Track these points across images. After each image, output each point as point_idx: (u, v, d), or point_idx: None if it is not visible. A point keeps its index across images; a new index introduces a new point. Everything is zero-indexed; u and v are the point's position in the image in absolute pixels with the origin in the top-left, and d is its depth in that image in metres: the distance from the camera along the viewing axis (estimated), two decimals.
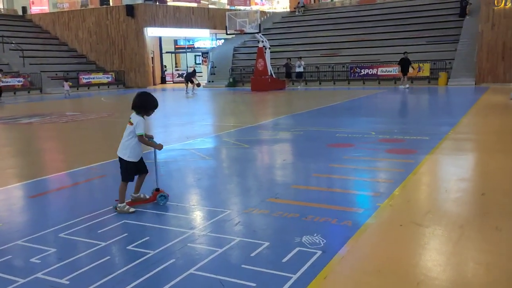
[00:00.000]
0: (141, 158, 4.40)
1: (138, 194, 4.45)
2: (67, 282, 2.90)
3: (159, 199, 4.40)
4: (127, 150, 4.27)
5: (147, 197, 4.47)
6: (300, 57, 24.66)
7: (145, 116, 4.30)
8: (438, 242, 3.37)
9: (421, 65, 22.94)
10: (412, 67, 21.11)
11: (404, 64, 20.58)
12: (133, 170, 4.33)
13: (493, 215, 3.88)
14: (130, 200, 4.41)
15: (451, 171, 5.64)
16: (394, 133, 8.34)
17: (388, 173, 5.55)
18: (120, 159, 4.31)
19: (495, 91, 17.18)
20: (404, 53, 21.13)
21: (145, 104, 4.27)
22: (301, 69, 24.22)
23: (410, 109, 13.91)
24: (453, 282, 2.75)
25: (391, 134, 8.18)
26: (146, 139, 4.30)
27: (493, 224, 3.64)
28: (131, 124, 4.24)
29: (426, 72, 22.84)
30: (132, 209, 4.22)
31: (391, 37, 26.07)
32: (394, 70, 23.69)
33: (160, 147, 4.39)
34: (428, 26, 25.72)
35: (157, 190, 4.43)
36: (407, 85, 20.64)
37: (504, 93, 15.65)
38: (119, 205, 4.23)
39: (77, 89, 28.33)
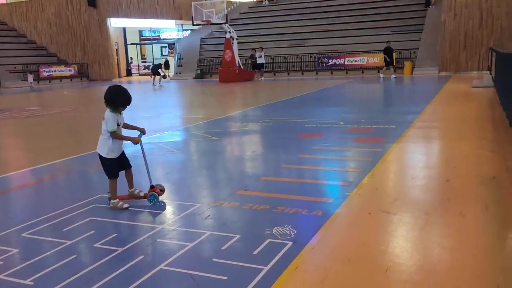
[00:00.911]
0: (123, 153, 4.22)
1: (133, 189, 4.27)
2: (31, 283, 2.79)
3: (149, 198, 4.16)
4: (105, 147, 4.08)
5: (141, 194, 4.25)
6: (261, 48, 23.95)
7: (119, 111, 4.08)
8: (405, 228, 3.45)
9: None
10: (393, 58, 20.75)
11: (389, 53, 20.37)
12: (115, 166, 4.14)
13: (457, 200, 4.00)
14: (127, 194, 4.26)
15: (417, 159, 5.78)
16: (362, 122, 8.47)
17: (357, 162, 5.63)
18: (100, 156, 4.13)
19: (458, 80, 17.72)
20: (387, 42, 20.84)
21: (113, 99, 4.02)
22: (262, 60, 23.50)
23: (377, 99, 14.17)
24: (419, 267, 2.81)
25: (359, 124, 8.30)
26: (119, 134, 4.10)
27: (457, 209, 3.75)
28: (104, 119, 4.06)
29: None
30: (125, 205, 4.08)
31: (357, 27, 26.38)
32: (362, 59, 24.03)
33: (135, 140, 4.14)
34: (392, 16, 26.16)
35: (152, 187, 4.20)
36: (394, 76, 20.30)
37: (466, 81, 16.16)
38: (112, 201, 4.09)
39: (38, 82, 27.36)
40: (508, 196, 4.06)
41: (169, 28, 35.59)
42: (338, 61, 24.56)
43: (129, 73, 34.01)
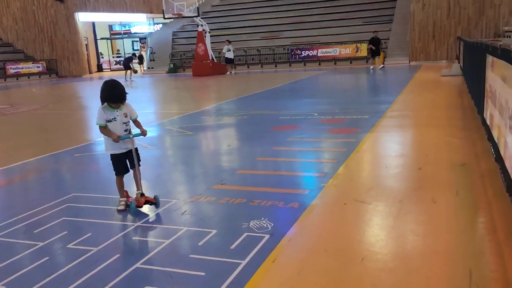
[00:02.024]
0: (130, 151, 3.99)
1: (138, 191, 3.97)
2: (3, 287, 2.71)
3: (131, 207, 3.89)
4: (105, 143, 4.01)
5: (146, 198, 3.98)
6: (228, 41, 23.11)
7: (111, 105, 3.96)
8: (380, 217, 3.50)
9: (358, 45, 23.61)
10: (380, 49, 19.71)
11: (376, 44, 19.40)
12: (117, 162, 3.97)
13: (429, 188, 4.09)
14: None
15: (390, 148, 5.88)
16: (335, 113, 8.55)
17: (332, 153, 5.68)
18: None
19: (428, 69, 18.08)
20: (374, 31, 20.00)
21: (100, 94, 3.96)
22: (230, 55, 22.63)
23: (350, 89, 14.32)
24: (394, 255, 2.87)
25: (333, 114, 8.38)
26: (104, 130, 3.90)
27: (429, 196, 3.84)
28: None
29: (363, 52, 23.54)
30: (120, 207, 3.90)
31: (329, 18, 26.55)
32: (334, 51, 24.20)
33: (113, 138, 3.87)
34: (364, 7, 26.43)
35: (142, 195, 3.91)
36: (379, 66, 19.36)
37: (436, 70, 16.51)
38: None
39: (5, 80, 26.49)
40: (478, 181, 4.18)
41: (140, 22, 34.95)
42: (311, 53, 24.69)
43: (100, 68, 33.29)
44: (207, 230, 3.37)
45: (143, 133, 4.06)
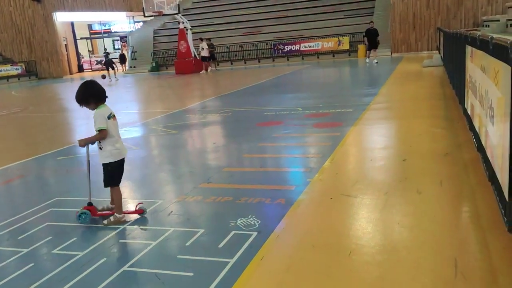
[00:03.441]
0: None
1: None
2: None
3: (78, 216, 3.67)
4: (103, 151, 3.71)
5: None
6: (201, 39, 22.58)
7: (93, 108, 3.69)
8: (366, 210, 3.53)
9: (340, 38, 23.71)
10: (378, 41, 18.16)
11: (371, 37, 18.00)
12: (117, 170, 3.71)
13: (414, 179, 4.13)
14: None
15: (375, 140, 5.92)
16: (319, 107, 8.58)
17: (317, 147, 5.70)
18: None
19: (409, 60, 18.25)
20: (369, 22, 18.86)
21: (87, 95, 3.68)
22: (205, 53, 21.99)
23: (334, 83, 14.38)
24: (381, 247, 2.89)
25: (317, 109, 8.40)
26: (102, 134, 3.62)
27: (414, 187, 3.88)
28: None
29: (346, 46, 23.66)
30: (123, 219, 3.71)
31: (310, 12, 26.57)
32: (317, 44, 24.26)
33: (82, 143, 3.71)
34: (344, 0, 26.52)
35: (90, 204, 3.76)
36: (374, 60, 17.86)
37: (417, 61, 16.67)
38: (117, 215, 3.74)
39: None
40: (461, 171, 4.24)
41: (120, 21, 34.52)
42: (293, 47, 24.70)
43: (80, 69, 32.81)
44: (194, 230, 3.35)
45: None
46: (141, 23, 32.94)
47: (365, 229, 3.19)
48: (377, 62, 17.62)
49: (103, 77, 20.73)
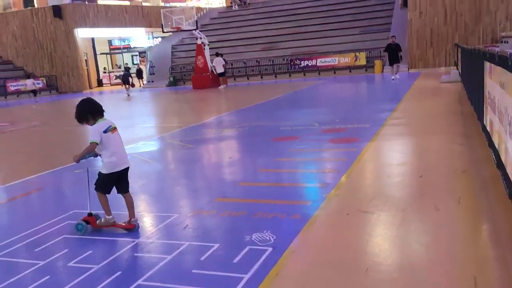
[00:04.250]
0: (125, 170, 3.89)
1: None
2: None
3: (76, 226, 3.79)
4: (104, 161, 3.84)
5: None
6: (218, 53, 22.54)
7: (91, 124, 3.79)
8: (382, 227, 3.48)
9: (357, 54, 23.72)
10: (400, 56, 17.52)
11: (392, 52, 17.37)
12: (110, 182, 3.81)
13: (431, 195, 4.07)
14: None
15: (392, 156, 5.86)
16: (336, 122, 8.55)
17: (333, 163, 5.67)
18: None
19: (427, 76, 18.12)
20: (391, 37, 18.00)
21: (84, 111, 3.83)
22: (220, 69, 21.93)
23: (350, 98, 14.34)
24: (398, 265, 2.84)
25: (334, 124, 8.37)
26: (92, 147, 3.74)
27: (432, 204, 3.81)
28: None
29: (362, 61, 23.64)
30: (112, 221, 3.89)
31: (327, 27, 26.69)
32: (333, 60, 24.30)
33: (76, 158, 3.79)
34: (360, 16, 26.61)
35: (89, 215, 3.86)
36: (397, 75, 17.24)
37: (435, 77, 16.53)
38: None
39: (5, 97, 26.60)
40: (480, 188, 4.16)
41: (139, 37, 35.18)
42: (310, 63, 24.78)
43: (100, 83, 33.44)
44: (209, 244, 3.34)
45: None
46: (159, 39, 33.52)
47: (382, 246, 3.14)
48: (393, 79, 17.07)
49: (132, 85, 21.38)
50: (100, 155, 3.83)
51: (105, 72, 34.08)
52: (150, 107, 17.03)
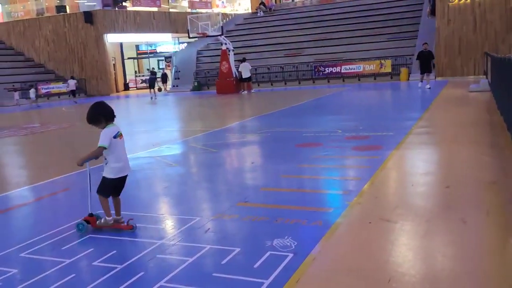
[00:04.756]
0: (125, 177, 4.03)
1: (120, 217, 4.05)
2: None
3: (77, 226, 3.90)
4: (109, 167, 3.94)
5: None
6: (245, 59, 22.97)
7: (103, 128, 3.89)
8: (406, 237, 3.42)
9: (383, 61, 23.48)
10: (433, 63, 16.50)
11: (424, 59, 16.38)
12: (112, 187, 3.94)
13: (458, 207, 3.98)
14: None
15: (417, 165, 5.76)
16: (360, 130, 8.47)
17: (356, 170, 5.61)
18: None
19: (454, 85, 17.77)
20: (423, 44, 16.99)
21: (96, 114, 3.93)
22: (246, 74, 22.37)
23: (375, 106, 14.18)
24: (422, 276, 2.78)
25: (357, 131, 8.30)
26: (99, 151, 3.86)
27: (458, 216, 3.73)
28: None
29: (388, 68, 23.39)
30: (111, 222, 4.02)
31: (352, 35, 26.54)
32: (358, 67, 24.11)
33: (79, 161, 3.89)
34: (386, 23, 26.35)
35: (91, 215, 3.96)
36: (427, 85, 16.18)
37: (463, 86, 16.20)
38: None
39: (37, 99, 27.36)
40: (509, 201, 4.04)
41: (166, 42, 35.75)
42: (334, 69, 24.65)
43: (126, 87, 34.08)
44: (230, 248, 3.35)
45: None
46: (185, 44, 33.97)
47: (405, 256, 3.09)
48: (430, 88, 16.03)
49: (160, 89, 21.72)
50: (105, 160, 3.88)
51: (137, 76, 34.77)
52: (174, 111, 17.24)
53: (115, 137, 3.84)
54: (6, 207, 5.08)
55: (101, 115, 3.88)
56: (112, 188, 3.95)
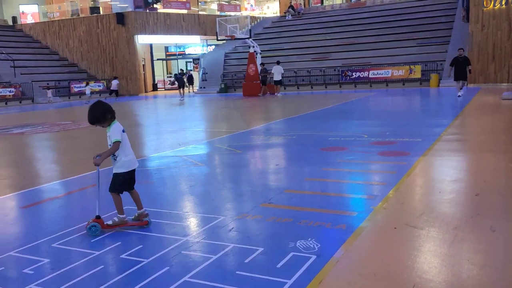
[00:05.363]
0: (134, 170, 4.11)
1: (142, 210, 4.12)
2: None
3: (89, 229, 3.84)
4: (121, 160, 4.04)
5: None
6: (278, 62, 23.25)
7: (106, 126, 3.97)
8: (432, 244, 3.37)
9: (412, 66, 23.12)
10: (469, 70, 15.25)
11: (459, 66, 15.14)
12: (127, 180, 4.04)
13: (487, 215, 3.89)
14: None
15: (445, 172, 5.65)
16: (386, 135, 8.37)
17: (382, 175, 5.55)
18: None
19: (487, 92, 17.33)
20: (459, 49, 15.71)
21: (101, 112, 3.95)
22: (277, 77, 22.36)
23: (402, 111, 13.98)
24: (448, 284, 2.74)
25: (384, 137, 8.20)
26: (116, 146, 3.92)
27: (488, 224, 3.65)
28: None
29: (417, 74, 23.02)
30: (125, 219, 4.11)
31: (381, 39, 26.25)
32: (386, 72, 23.80)
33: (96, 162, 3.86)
34: (417, 28, 25.95)
35: (98, 217, 3.91)
36: (461, 92, 15.15)
37: (496, 93, 15.79)
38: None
39: (69, 98, 28.20)
40: None
41: (194, 44, 36.20)
42: (362, 74, 24.43)
43: (155, 88, 34.69)
44: (253, 248, 3.38)
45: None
46: (213, 46, 34.33)
47: (431, 263, 3.05)
48: (460, 96, 15.08)
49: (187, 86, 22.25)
50: (113, 156, 3.93)
51: (170, 76, 35.29)
52: (201, 112, 17.43)
53: (123, 131, 3.95)
54: (40, 200, 5.27)
55: (107, 113, 3.94)
56: (125, 183, 4.00)
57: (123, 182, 4.00)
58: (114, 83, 26.76)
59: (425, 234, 3.52)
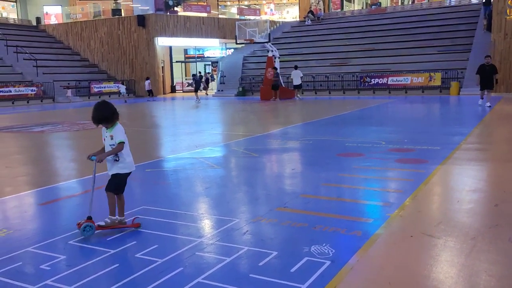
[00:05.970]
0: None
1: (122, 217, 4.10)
2: None
3: (83, 229, 3.79)
4: (124, 161, 4.14)
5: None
6: (296, 66, 23.21)
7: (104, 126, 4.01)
8: (449, 253, 3.32)
9: (432, 74, 22.84)
10: (496, 79, 14.64)
11: (486, 74, 14.43)
12: (125, 181, 4.14)
13: (506, 226, 3.81)
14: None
15: (463, 182, 5.56)
16: (404, 142, 8.28)
17: (399, 183, 5.49)
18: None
19: (509, 101, 17.01)
20: (486, 57, 15.13)
21: (108, 113, 4.00)
22: (297, 81, 22.60)
23: (421, 119, 13.81)
24: None
25: (401, 144, 8.11)
26: (120, 147, 4.01)
27: (506, 235, 3.57)
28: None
29: (437, 82, 22.73)
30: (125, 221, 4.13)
31: (401, 46, 26.02)
32: (405, 79, 23.56)
33: (99, 158, 3.96)
34: (438, 35, 25.65)
35: (89, 218, 3.88)
36: (487, 103, 14.34)
37: None
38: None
39: (89, 98, 28.65)
40: None
41: (213, 47, 36.44)
42: (380, 81, 24.23)
43: (173, 89, 35.00)
44: (268, 251, 3.38)
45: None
46: (232, 50, 34.50)
47: (447, 272, 3.00)
48: (490, 106, 14.18)
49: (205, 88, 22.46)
50: (115, 156, 4.01)
51: (194, 76, 35.57)
52: (218, 115, 17.52)
53: (125, 133, 4.03)
54: (58, 197, 5.36)
55: (115, 113, 4.00)
56: (125, 183, 4.09)
57: (124, 182, 4.09)
58: (146, 83, 27.78)
59: (442, 244, 3.47)
